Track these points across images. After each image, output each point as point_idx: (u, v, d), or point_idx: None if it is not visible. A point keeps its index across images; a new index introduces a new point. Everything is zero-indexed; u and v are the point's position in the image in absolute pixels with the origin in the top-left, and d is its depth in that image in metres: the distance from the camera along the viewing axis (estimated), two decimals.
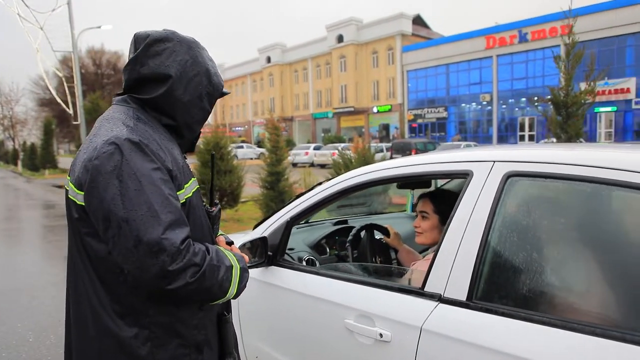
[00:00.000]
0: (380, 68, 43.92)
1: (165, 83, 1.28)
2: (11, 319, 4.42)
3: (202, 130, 1.46)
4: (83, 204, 1.16)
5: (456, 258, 1.44)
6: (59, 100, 20.36)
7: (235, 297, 1.30)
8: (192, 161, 11.85)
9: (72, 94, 19.38)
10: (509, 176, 1.43)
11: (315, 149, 29.39)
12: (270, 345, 2.08)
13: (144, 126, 1.24)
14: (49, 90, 26.46)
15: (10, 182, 23.11)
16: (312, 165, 25.13)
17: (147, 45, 1.27)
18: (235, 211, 10.15)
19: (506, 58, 35.03)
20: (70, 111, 19.82)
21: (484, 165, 1.51)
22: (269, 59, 55.62)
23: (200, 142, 10.26)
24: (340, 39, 46.11)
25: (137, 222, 1.08)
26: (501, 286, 1.39)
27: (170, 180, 1.18)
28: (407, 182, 2.22)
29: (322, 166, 24.62)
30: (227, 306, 1.49)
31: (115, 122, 1.22)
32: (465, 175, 1.55)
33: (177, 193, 1.21)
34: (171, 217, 1.11)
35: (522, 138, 34.12)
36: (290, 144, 37.52)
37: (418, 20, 45.09)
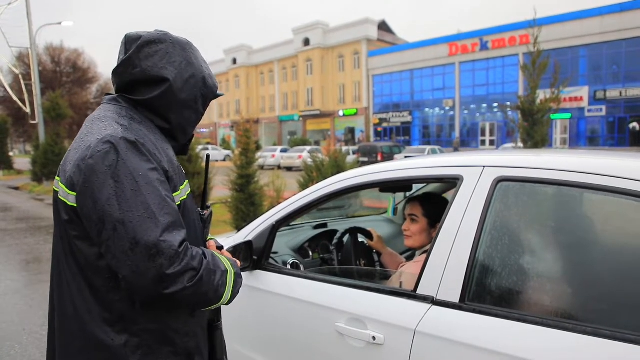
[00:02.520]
0: (347, 72, 44.32)
1: (161, 85, 1.25)
2: None
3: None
4: (75, 205, 1.11)
5: (449, 261, 1.47)
6: (14, 98, 19.51)
7: (229, 302, 1.27)
8: None
9: (30, 92, 18.61)
10: (499, 181, 1.48)
11: (282, 151, 29.33)
12: (258, 351, 2.06)
13: (139, 126, 1.21)
14: (4, 88, 25.31)
15: None
16: (279, 167, 25.07)
17: (139, 47, 1.24)
18: None
19: (468, 65, 36.09)
20: (27, 110, 19.01)
21: (474, 170, 1.55)
22: (234, 61, 55.13)
23: None
24: (306, 42, 46.26)
25: (133, 223, 1.04)
26: (493, 288, 1.43)
27: (167, 182, 1.16)
28: (396, 186, 2.25)
29: (289, 169, 24.61)
30: (218, 313, 1.47)
31: (109, 121, 1.18)
32: (456, 180, 1.59)
33: (173, 195, 1.18)
34: (169, 218, 1.08)
35: (483, 143, 35.18)
36: (257, 146, 37.23)
37: (383, 26, 45.82)
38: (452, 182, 1.61)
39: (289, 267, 2.30)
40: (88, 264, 1.14)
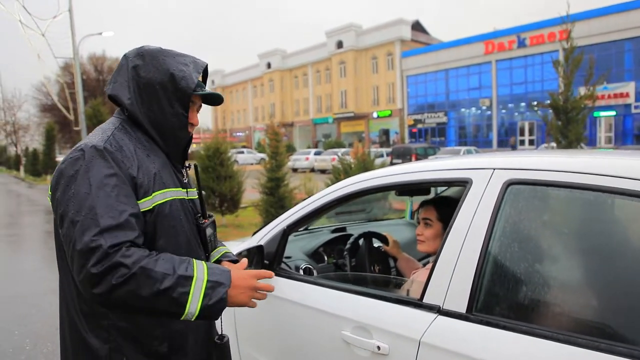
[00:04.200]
0: (380, 73, 44.01)
1: (117, 100, 1.37)
2: (9, 325, 4.39)
3: (202, 136, 1.46)
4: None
5: (455, 268, 1.40)
6: (60, 106, 20.42)
7: (203, 316, 1.19)
8: None
9: (74, 100, 19.43)
10: (509, 184, 1.40)
11: (315, 154, 29.38)
12: (266, 355, 2.03)
13: (123, 135, 1.31)
14: (51, 97, 26.55)
15: (12, 188, 23.09)
16: (312, 170, 25.11)
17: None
18: (235, 217, 10.13)
19: (505, 63, 35.11)
20: (72, 117, 19.85)
21: (483, 173, 1.47)
22: (269, 65, 55.76)
23: (200, 148, 10.25)
24: (339, 44, 46.25)
25: (79, 224, 1.11)
26: (502, 298, 1.35)
27: (128, 187, 1.21)
28: (405, 189, 2.18)
29: (323, 171, 24.59)
30: (212, 328, 1.49)
31: (98, 131, 1.32)
32: (464, 183, 1.51)
33: (141, 200, 1.24)
34: (110, 221, 1.12)
35: (522, 143, 34.12)
36: (291, 150, 37.58)
37: (417, 26, 45.25)
38: (461, 186, 1.53)
39: (301, 272, 2.26)
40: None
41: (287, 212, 2.16)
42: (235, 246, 2.26)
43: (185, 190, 1.42)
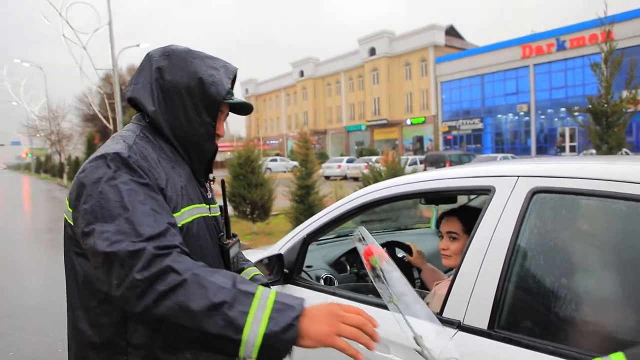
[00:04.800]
0: (413, 80, 43.60)
1: (137, 105, 1.25)
2: (45, 328, 4.54)
3: (235, 144, 1.38)
4: (71, 221, 1.09)
5: (476, 282, 1.32)
6: (100, 116, 21.19)
7: (266, 348, 0.88)
8: (222, 174, 11.96)
9: (113, 110, 20.12)
10: (534, 192, 1.31)
11: (348, 161, 29.28)
12: None
13: (145, 144, 1.17)
14: (92, 107, 27.64)
15: (56, 195, 24.05)
16: (345, 178, 25.04)
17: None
18: (266, 224, 10.18)
19: (544, 67, 34.10)
20: (111, 126, 20.57)
21: (507, 181, 1.40)
22: (302, 73, 56.23)
23: (232, 156, 10.39)
24: (372, 51, 46.15)
25: (112, 233, 0.96)
26: (526, 314, 1.26)
27: (161, 198, 1.07)
28: (427, 197, 2.11)
29: (356, 179, 24.46)
30: None
31: (117, 139, 1.17)
32: (487, 192, 1.44)
33: (173, 215, 1.10)
34: (150, 230, 0.97)
35: (562, 149, 32.96)
36: (324, 157, 37.63)
37: (451, 31, 44.65)
38: (484, 194, 1.46)
39: (321, 282, 2.22)
40: (85, 282, 1.10)
41: (308, 220, 2.13)
42: (257, 254, 2.24)
43: (208, 206, 1.28)
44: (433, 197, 2.13)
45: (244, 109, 1.34)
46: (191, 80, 1.20)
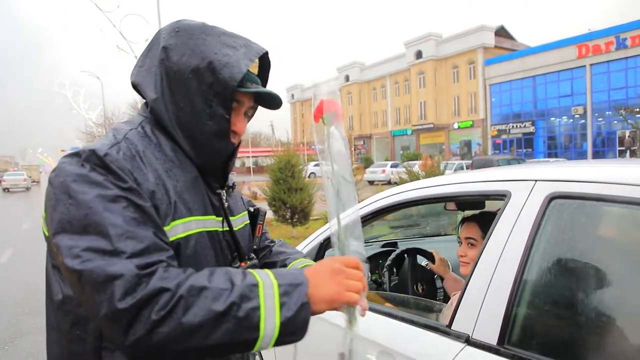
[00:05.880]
0: (461, 83, 42.56)
1: (140, 92, 1.05)
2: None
3: (274, 149, 1.19)
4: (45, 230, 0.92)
5: (487, 294, 1.23)
6: None
7: (285, 335, 0.83)
8: (263, 178, 12.01)
9: None
10: (552, 198, 1.21)
11: (392, 166, 28.97)
12: None
13: (139, 139, 0.96)
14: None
15: None
16: (389, 182, 24.75)
17: None
18: (306, 228, 10.21)
19: (602, 67, 32.30)
20: None
21: (524, 185, 1.30)
22: (347, 78, 56.24)
23: (272, 161, 10.49)
24: (419, 54, 45.47)
25: (81, 249, 0.80)
26: (539, 330, 1.16)
27: (147, 205, 0.88)
28: (439, 203, 2.01)
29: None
30: None
31: (110, 132, 0.99)
32: (502, 197, 1.34)
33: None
34: (132, 246, 0.81)
35: (620, 153, 31.09)
36: (368, 162, 37.38)
37: (501, 32, 43.24)
38: (499, 199, 1.36)
39: None
40: (59, 300, 0.93)
41: (325, 226, 2.08)
42: None
43: (220, 219, 1.05)
44: (445, 202, 2.05)
45: (271, 101, 1.08)
46: (200, 61, 0.96)
